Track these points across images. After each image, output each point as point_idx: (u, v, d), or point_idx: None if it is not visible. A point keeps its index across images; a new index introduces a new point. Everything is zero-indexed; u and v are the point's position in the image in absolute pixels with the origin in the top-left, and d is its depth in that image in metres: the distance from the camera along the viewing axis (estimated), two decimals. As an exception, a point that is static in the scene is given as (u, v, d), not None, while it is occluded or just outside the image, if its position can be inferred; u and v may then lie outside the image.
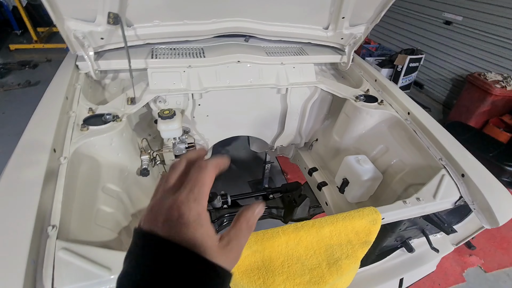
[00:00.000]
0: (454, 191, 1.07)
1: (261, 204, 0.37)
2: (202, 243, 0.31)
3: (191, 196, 0.32)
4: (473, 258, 2.27)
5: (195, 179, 0.34)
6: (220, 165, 0.37)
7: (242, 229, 0.35)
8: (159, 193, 0.35)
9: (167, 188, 0.35)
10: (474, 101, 3.60)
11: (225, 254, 0.33)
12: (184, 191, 0.33)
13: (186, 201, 0.32)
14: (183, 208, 0.31)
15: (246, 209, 0.37)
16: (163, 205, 0.32)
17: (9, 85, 3.93)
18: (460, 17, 4.05)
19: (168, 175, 0.37)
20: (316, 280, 0.83)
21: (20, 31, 5.75)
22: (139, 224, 0.33)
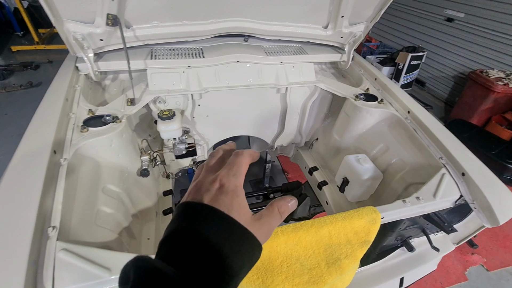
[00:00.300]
0: (454, 190, 1.07)
1: (295, 199, 0.41)
2: (237, 210, 0.35)
3: (231, 172, 0.38)
4: (475, 257, 2.27)
5: (234, 160, 0.40)
6: (253, 155, 0.43)
7: (274, 212, 0.39)
8: (202, 173, 0.41)
9: (209, 168, 0.42)
10: (476, 98, 3.58)
11: (256, 226, 0.36)
12: (225, 169, 0.39)
13: (227, 175, 0.37)
14: (224, 180, 0.37)
15: (279, 198, 0.41)
16: (206, 180, 0.38)
17: (12, 86, 3.96)
18: (462, 14, 4.02)
19: (208, 160, 0.44)
20: (315, 280, 0.83)
21: (22, 33, 5.78)
22: (182, 200, 0.38)
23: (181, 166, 1.75)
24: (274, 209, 0.39)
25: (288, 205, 0.40)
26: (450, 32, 4.25)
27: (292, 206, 0.41)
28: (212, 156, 0.45)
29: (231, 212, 0.34)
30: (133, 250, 1.09)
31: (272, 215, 0.38)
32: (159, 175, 1.63)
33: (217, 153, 0.45)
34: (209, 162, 0.43)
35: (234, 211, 0.34)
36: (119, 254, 0.72)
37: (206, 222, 0.32)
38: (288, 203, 0.40)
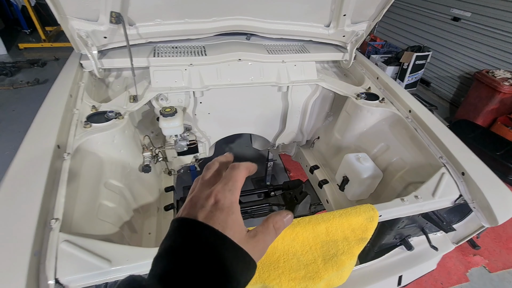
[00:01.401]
0: (454, 189, 1.07)
1: (291, 214, 0.41)
2: (232, 228, 0.34)
3: (226, 187, 0.37)
4: (477, 258, 2.25)
5: (230, 174, 0.39)
6: (250, 168, 0.42)
7: (269, 228, 0.38)
8: (197, 187, 0.41)
9: (204, 182, 0.41)
10: (482, 99, 3.53)
11: (251, 243, 0.35)
12: (220, 184, 0.38)
13: (222, 191, 0.37)
14: (219, 196, 0.36)
15: (275, 213, 0.40)
16: (201, 195, 0.37)
17: (19, 83, 4.02)
18: (468, 13, 3.97)
19: (204, 173, 0.43)
20: (311, 276, 0.84)
21: (29, 30, 5.86)
22: (177, 215, 0.37)
23: (183, 163, 1.77)
24: (269, 225, 0.38)
25: (284, 220, 0.40)
26: (456, 31, 4.20)
27: (287, 221, 0.40)
28: (208, 169, 0.44)
29: (225, 229, 0.33)
30: (134, 244, 1.11)
31: (267, 231, 0.38)
32: (161, 172, 1.65)
33: (213, 165, 0.44)
34: (205, 176, 0.43)
35: (229, 229, 0.34)
36: (120, 246, 0.74)
37: (202, 240, 0.32)
38: (283, 218, 0.40)
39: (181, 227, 0.34)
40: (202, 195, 0.37)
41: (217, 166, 0.44)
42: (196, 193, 0.39)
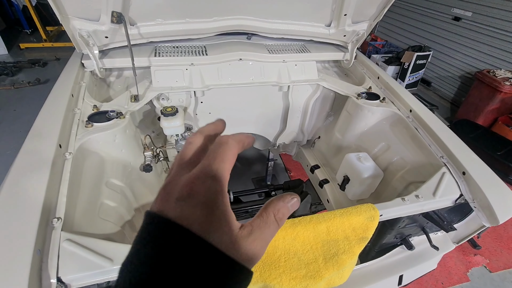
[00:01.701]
0: (455, 189, 1.07)
1: (296, 197, 0.31)
2: (217, 228, 0.25)
3: (209, 172, 0.27)
4: (478, 258, 2.25)
5: (214, 153, 0.29)
6: (243, 141, 0.32)
7: (269, 220, 0.29)
8: (173, 169, 0.30)
9: (183, 163, 0.30)
10: (483, 98, 3.53)
11: (245, 244, 0.27)
12: (201, 166, 0.28)
13: (203, 178, 0.27)
14: (197, 186, 0.26)
15: (277, 198, 0.31)
16: (177, 182, 0.28)
17: (20, 83, 4.03)
18: (469, 13, 3.97)
19: (183, 149, 0.32)
20: (312, 275, 0.84)
21: (30, 30, 5.87)
22: (152, 205, 0.28)
23: (184, 162, 1.77)
24: (269, 216, 0.29)
25: (288, 206, 0.31)
26: (457, 31, 4.19)
27: (292, 206, 0.31)
28: (189, 143, 0.32)
29: (208, 231, 0.25)
30: (135, 243, 1.11)
31: (267, 225, 0.29)
32: (162, 171, 1.66)
33: (195, 139, 0.33)
34: (184, 154, 0.32)
35: (213, 230, 0.25)
36: (121, 245, 0.74)
37: (173, 249, 0.23)
38: (287, 203, 0.31)
39: (150, 227, 0.25)
40: (179, 182, 0.27)
41: (201, 142, 0.33)
42: (171, 177, 0.29)
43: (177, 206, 0.25)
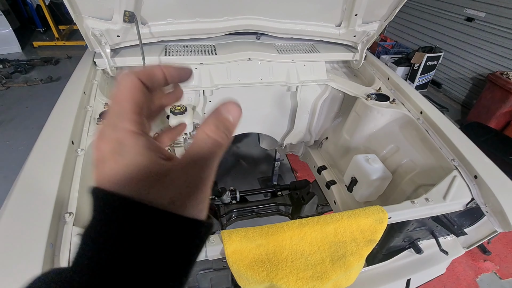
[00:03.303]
0: (466, 192, 1.05)
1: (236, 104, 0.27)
2: (128, 180, 0.21)
3: (109, 121, 0.23)
4: (487, 264, 2.20)
5: (112, 98, 0.24)
6: (149, 73, 0.25)
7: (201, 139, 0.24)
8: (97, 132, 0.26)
9: (105, 117, 0.25)
10: (495, 101, 3.45)
11: (173, 188, 0.22)
12: (104, 119, 0.24)
13: (102, 132, 0.23)
14: (97, 142, 0.23)
15: (214, 113, 0.26)
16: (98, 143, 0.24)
17: (33, 80, 4.12)
18: (483, 13, 3.88)
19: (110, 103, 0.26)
20: (319, 276, 0.84)
21: (43, 29, 6.00)
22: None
23: (192, 161, 1.79)
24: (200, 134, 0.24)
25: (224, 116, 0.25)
26: (470, 32, 4.11)
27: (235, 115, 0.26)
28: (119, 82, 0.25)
29: (117, 185, 0.21)
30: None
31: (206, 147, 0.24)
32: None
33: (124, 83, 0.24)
34: (110, 108, 0.25)
35: (123, 182, 0.21)
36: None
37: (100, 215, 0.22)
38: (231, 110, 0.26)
39: (91, 196, 0.23)
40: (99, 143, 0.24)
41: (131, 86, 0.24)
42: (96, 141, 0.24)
43: (95, 168, 0.23)
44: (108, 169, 0.22)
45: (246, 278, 0.81)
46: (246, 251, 0.79)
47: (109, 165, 0.22)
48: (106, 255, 0.20)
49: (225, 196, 1.67)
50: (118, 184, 0.21)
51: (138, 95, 0.24)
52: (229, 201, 1.69)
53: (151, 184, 0.22)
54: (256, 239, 0.80)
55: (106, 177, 0.22)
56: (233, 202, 1.70)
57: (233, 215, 1.68)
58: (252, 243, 0.80)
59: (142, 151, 0.23)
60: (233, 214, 1.68)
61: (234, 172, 2.86)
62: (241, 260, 0.79)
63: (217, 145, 0.24)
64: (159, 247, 0.21)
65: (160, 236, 0.21)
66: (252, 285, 0.83)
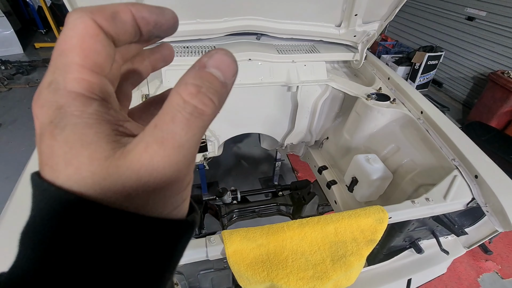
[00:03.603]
0: (466, 192, 1.05)
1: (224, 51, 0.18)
2: (66, 161, 0.15)
3: (48, 78, 0.17)
4: (489, 263, 2.20)
5: (55, 46, 0.17)
6: (110, 13, 0.17)
7: (173, 107, 0.16)
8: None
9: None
10: (497, 100, 3.44)
11: (133, 177, 0.16)
12: (42, 80, 0.17)
13: (39, 92, 0.17)
14: (34, 107, 0.17)
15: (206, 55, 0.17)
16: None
17: (34, 81, 4.14)
18: (483, 13, 3.87)
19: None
20: (320, 276, 0.84)
21: (45, 30, 6.02)
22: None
23: (192, 161, 1.79)
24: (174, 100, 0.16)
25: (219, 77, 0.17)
26: (471, 31, 4.10)
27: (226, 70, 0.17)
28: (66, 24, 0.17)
29: (55, 173, 0.16)
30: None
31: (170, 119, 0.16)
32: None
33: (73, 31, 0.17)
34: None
35: (63, 169, 0.15)
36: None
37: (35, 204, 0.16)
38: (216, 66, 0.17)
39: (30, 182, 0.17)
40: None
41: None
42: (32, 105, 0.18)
43: (37, 151, 0.17)
44: (44, 147, 0.16)
45: (246, 278, 0.81)
46: (246, 251, 0.79)
47: (46, 141, 0.16)
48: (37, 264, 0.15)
49: (226, 196, 1.67)
50: (54, 168, 0.15)
51: (92, 44, 0.16)
52: (230, 202, 1.69)
53: (99, 171, 0.15)
54: (257, 239, 0.81)
55: (43, 158, 0.16)
56: (234, 203, 1.70)
57: (234, 215, 1.68)
58: (252, 243, 0.80)
59: (91, 123, 0.16)
60: (234, 215, 1.69)
61: (235, 172, 2.86)
62: (242, 260, 0.79)
63: (197, 115, 0.16)
64: (103, 256, 0.15)
65: (109, 244, 0.15)
66: (252, 285, 0.83)
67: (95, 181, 0.15)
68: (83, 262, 0.15)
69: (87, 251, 0.15)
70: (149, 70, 0.25)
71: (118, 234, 0.15)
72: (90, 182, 0.15)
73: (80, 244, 0.15)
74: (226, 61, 0.17)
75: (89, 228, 0.15)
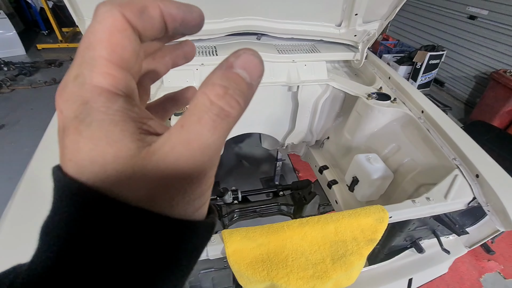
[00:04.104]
0: (467, 191, 1.04)
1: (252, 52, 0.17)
2: (91, 158, 0.15)
3: (74, 71, 0.16)
4: (491, 263, 2.18)
5: (82, 39, 0.17)
6: (139, 8, 0.17)
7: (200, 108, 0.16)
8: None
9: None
10: (499, 99, 3.42)
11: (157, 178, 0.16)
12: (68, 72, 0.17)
13: (64, 85, 0.16)
14: (58, 100, 0.16)
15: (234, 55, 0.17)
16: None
17: (37, 82, 4.17)
18: (485, 11, 3.85)
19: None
20: (320, 275, 0.84)
21: (47, 31, 6.05)
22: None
23: (193, 161, 1.80)
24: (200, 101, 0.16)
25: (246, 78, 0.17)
26: (473, 30, 4.08)
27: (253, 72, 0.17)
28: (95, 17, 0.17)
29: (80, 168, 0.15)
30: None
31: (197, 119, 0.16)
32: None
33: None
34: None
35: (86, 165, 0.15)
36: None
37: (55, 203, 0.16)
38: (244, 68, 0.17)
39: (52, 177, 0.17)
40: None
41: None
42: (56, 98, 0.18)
43: (59, 146, 0.17)
44: (68, 142, 0.16)
45: (247, 277, 0.81)
46: (246, 251, 0.80)
47: (70, 136, 0.16)
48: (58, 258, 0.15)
49: (227, 196, 1.67)
50: (78, 164, 0.15)
51: (121, 39, 0.16)
52: (231, 201, 1.69)
53: (124, 170, 0.15)
54: (257, 239, 0.81)
55: (66, 153, 0.16)
56: (235, 202, 1.70)
57: (235, 215, 1.69)
58: (252, 242, 0.80)
59: (117, 120, 0.16)
60: (235, 214, 1.69)
61: (236, 172, 2.86)
62: (242, 260, 0.80)
63: (224, 117, 0.16)
64: (122, 256, 0.15)
65: (128, 243, 0.15)
66: (253, 285, 0.84)
67: (120, 180, 0.15)
68: (107, 262, 0.15)
69: (111, 250, 0.15)
70: (169, 66, 0.25)
71: (142, 234, 0.15)
72: (115, 181, 0.15)
73: (105, 243, 0.15)
74: (253, 61, 0.17)
75: (113, 227, 0.15)
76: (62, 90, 0.16)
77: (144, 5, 0.17)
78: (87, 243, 0.15)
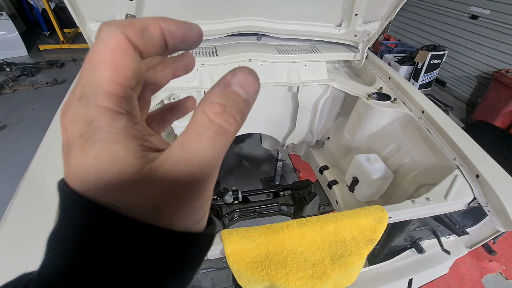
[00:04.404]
0: (468, 192, 1.04)
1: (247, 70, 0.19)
2: (96, 175, 0.16)
3: (78, 91, 0.17)
4: (493, 264, 2.17)
5: (86, 59, 0.17)
6: (140, 28, 0.18)
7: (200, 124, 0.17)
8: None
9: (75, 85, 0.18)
10: (501, 99, 3.41)
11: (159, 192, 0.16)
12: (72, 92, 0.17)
13: (68, 105, 0.17)
14: (62, 119, 0.17)
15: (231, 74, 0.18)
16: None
17: (39, 83, 4.19)
18: (487, 11, 3.84)
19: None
20: (319, 275, 0.84)
21: (49, 32, 6.08)
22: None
23: (194, 161, 1.80)
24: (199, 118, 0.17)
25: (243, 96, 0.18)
26: (474, 29, 4.06)
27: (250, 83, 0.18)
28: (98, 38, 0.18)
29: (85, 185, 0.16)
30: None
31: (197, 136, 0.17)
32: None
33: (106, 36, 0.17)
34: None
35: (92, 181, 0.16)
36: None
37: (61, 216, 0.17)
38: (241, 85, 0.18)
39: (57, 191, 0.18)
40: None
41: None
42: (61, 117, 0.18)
43: (64, 162, 0.18)
44: (73, 160, 0.16)
45: (246, 277, 0.81)
46: (246, 251, 0.80)
47: (75, 154, 0.16)
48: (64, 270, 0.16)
49: (227, 196, 1.68)
50: (84, 181, 0.16)
51: (123, 59, 0.17)
52: (231, 201, 1.70)
53: (128, 185, 0.16)
54: (256, 239, 0.81)
55: (72, 170, 0.17)
56: (235, 202, 1.71)
57: (235, 215, 1.69)
58: (252, 242, 0.81)
59: (120, 138, 0.16)
60: (235, 214, 1.69)
61: (236, 173, 2.87)
62: (241, 260, 0.80)
63: (222, 134, 0.17)
64: (129, 269, 0.16)
65: (134, 256, 0.16)
66: (252, 284, 0.84)
67: (125, 196, 0.16)
68: (117, 273, 0.16)
69: (121, 262, 0.16)
70: (169, 78, 0.26)
71: (148, 247, 0.16)
72: (120, 197, 0.16)
73: (114, 256, 0.16)
74: (249, 79, 0.18)
75: (121, 242, 0.16)
76: (67, 109, 0.17)
77: (146, 25, 0.18)
78: (98, 256, 0.16)
